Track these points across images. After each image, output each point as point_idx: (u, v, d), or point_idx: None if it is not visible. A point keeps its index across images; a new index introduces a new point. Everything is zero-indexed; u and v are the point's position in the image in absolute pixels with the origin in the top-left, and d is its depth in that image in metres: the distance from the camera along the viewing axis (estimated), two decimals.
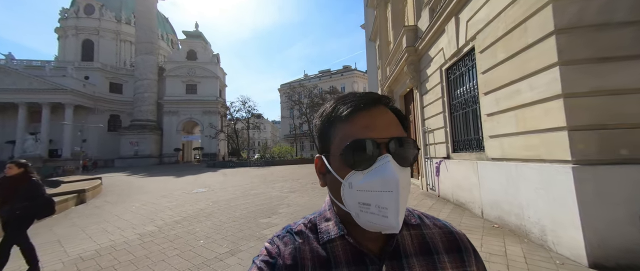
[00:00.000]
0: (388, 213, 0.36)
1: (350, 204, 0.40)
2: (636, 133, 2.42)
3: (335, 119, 0.42)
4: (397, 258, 0.43)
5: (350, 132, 0.40)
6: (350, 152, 0.39)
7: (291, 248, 0.44)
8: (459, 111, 5.04)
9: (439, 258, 0.45)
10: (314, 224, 0.48)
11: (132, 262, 2.96)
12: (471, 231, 3.42)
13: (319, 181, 0.47)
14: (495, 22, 3.58)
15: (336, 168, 0.41)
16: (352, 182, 0.39)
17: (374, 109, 0.42)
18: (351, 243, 0.43)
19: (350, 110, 0.41)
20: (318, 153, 0.47)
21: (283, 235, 0.48)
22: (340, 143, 0.40)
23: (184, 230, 4.16)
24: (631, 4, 2.51)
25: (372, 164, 0.38)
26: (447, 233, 0.49)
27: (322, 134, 0.45)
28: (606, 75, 2.50)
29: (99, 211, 6.00)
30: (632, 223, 2.30)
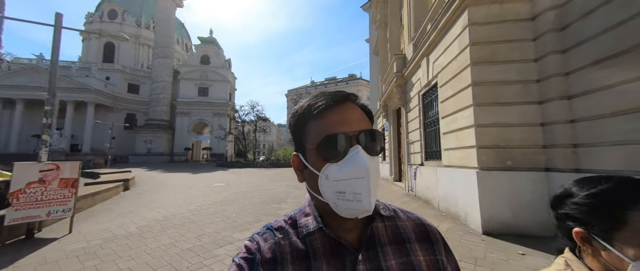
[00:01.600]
0: (362, 197, 0.40)
1: (328, 194, 0.42)
2: (516, 152, 3.86)
3: (308, 117, 0.45)
4: (373, 247, 0.46)
5: (323, 127, 0.43)
6: (325, 146, 0.42)
7: (271, 243, 0.46)
8: (430, 128, 6.50)
9: (411, 247, 0.48)
10: (294, 220, 0.50)
11: (193, 222, 4.50)
12: (428, 218, 4.82)
13: (297, 177, 0.49)
14: (446, 68, 5.08)
15: (312, 163, 0.44)
16: (328, 173, 0.42)
17: (343, 105, 0.45)
18: (329, 235, 0.45)
19: (322, 107, 0.44)
20: (294, 152, 0.49)
21: (263, 232, 0.50)
22: (315, 139, 0.43)
23: (218, 208, 5.69)
24: (518, 69, 3.99)
25: (345, 156, 0.41)
26: (419, 224, 0.53)
27: (297, 132, 0.47)
28: (500, 114, 3.96)
29: (144, 196, 7.59)
30: (508, 207, 3.72)
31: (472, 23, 4.19)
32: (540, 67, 3.90)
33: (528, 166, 3.82)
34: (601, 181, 0.53)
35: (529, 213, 3.68)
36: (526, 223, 3.66)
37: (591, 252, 0.53)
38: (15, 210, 3.45)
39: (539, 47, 3.91)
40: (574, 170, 3.49)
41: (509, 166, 3.86)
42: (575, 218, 0.54)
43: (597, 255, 0.52)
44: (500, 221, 3.74)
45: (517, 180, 3.78)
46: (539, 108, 3.89)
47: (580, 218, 0.53)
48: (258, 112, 34.21)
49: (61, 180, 3.84)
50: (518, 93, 3.96)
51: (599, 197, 0.51)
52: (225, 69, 39.97)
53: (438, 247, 0.50)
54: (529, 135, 3.89)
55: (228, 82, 39.77)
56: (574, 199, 0.55)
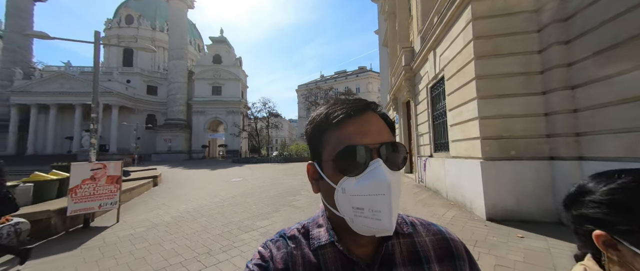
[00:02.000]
0: (381, 215, 0.37)
1: (344, 209, 0.40)
2: (519, 142, 4.01)
3: (326, 126, 0.43)
4: (387, 267, 0.43)
5: (342, 138, 0.41)
6: (343, 158, 0.40)
7: (283, 253, 0.45)
8: (438, 120, 6.64)
9: (430, 267, 0.45)
10: (306, 230, 0.49)
11: (218, 213, 5.03)
12: (435, 207, 5.08)
13: (312, 187, 0.47)
14: (452, 62, 5.20)
15: (329, 175, 0.42)
16: (345, 187, 0.40)
17: (363, 115, 0.42)
18: (341, 250, 0.43)
19: (342, 117, 0.41)
20: (310, 160, 0.47)
21: (276, 239, 0.49)
22: (333, 150, 0.41)
23: (239, 200, 6.23)
24: (522, 61, 4.09)
25: (364, 169, 0.39)
26: (440, 240, 0.49)
27: (314, 141, 0.46)
28: (503, 106, 4.10)
29: (172, 191, 8.32)
30: (511, 195, 3.91)
31: (475, 18, 4.30)
32: (543, 58, 3.99)
33: (531, 155, 3.97)
34: (620, 174, 0.46)
35: (532, 200, 3.85)
36: (529, 210, 3.84)
37: (617, 259, 0.44)
38: (75, 202, 4.08)
39: (543, 38, 3.99)
40: (576, 158, 3.62)
41: (513, 156, 4.02)
42: (594, 219, 0.46)
43: (625, 263, 0.43)
44: (504, 208, 3.94)
45: (520, 169, 3.95)
46: (542, 98, 4.00)
47: (601, 218, 0.45)
48: (270, 109, 34.98)
49: (108, 177, 4.45)
50: (521, 85, 4.07)
51: (623, 192, 0.44)
52: (237, 67, 40.87)
53: (462, 265, 0.47)
54: (533, 125, 4.02)
55: (240, 80, 40.69)
56: (592, 197, 0.47)
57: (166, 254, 3.09)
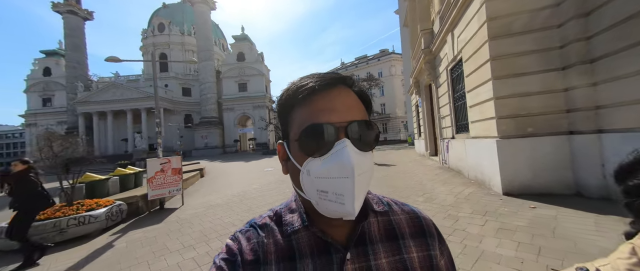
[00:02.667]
0: (345, 199, 0.36)
1: (310, 192, 0.39)
2: (537, 119, 4.11)
3: (293, 102, 0.41)
4: (363, 244, 0.43)
5: (307, 116, 0.39)
6: (307, 138, 0.38)
7: (253, 243, 0.43)
8: (459, 102, 6.70)
9: (405, 243, 0.45)
10: (279, 216, 0.47)
11: (259, 196, 5.95)
12: (454, 185, 5.36)
13: (282, 168, 0.45)
14: (469, 44, 5.26)
15: (295, 155, 0.40)
16: (310, 169, 0.38)
17: (332, 91, 0.39)
18: (315, 233, 0.42)
19: (307, 92, 0.39)
20: (279, 140, 0.45)
21: (246, 229, 0.46)
22: (298, 129, 0.39)
23: (274, 186, 7.12)
24: (540, 38, 4.09)
25: (329, 150, 0.37)
26: (414, 218, 0.49)
27: (282, 118, 0.44)
28: (518, 85, 4.19)
29: (217, 181, 9.61)
30: (528, 170, 4.08)
31: None
32: (562, 32, 3.96)
33: (550, 131, 4.06)
34: None
35: (549, 173, 3.99)
36: (547, 183, 4.00)
37: None
38: (152, 190, 5.23)
39: (563, 11, 3.94)
40: (595, 131, 3.66)
41: (529, 133, 4.15)
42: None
43: None
44: (521, 183, 4.13)
45: (537, 145, 4.07)
46: (561, 74, 4.01)
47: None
48: None
49: (172, 169, 5.54)
50: (539, 62, 4.11)
51: None
52: (259, 63, 42.32)
53: (432, 242, 0.47)
54: (552, 102, 4.07)
55: (263, 75, 42.19)
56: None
57: (226, 225, 3.98)
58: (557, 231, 2.66)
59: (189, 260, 2.83)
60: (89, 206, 4.13)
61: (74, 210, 3.91)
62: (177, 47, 47.20)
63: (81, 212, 3.90)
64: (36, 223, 3.49)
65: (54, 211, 3.82)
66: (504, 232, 2.79)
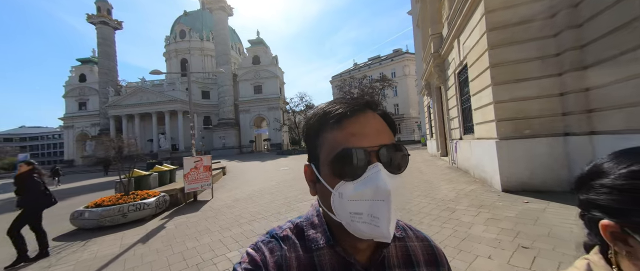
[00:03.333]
0: (380, 222, 0.37)
1: (341, 214, 0.39)
2: (534, 121, 4.44)
3: (322, 126, 0.42)
4: (382, 269, 0.44)
5: (338, 140, 0.40)
6: (340, 162, 0.38)
7: (277, 257, 0.43)
8: (466, 105, 7.01)
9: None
10: (300, 229, 0.47)
11: (278, 191, 6.63)
12: (459, 183, 5.73)
13: (309, 190, 0.46)
14: (472, 51, 5.62)
15: (326, 178, 0.41)
16: (342, 191, 0.39)
17: (362, 115, 0.41)
18: (339, 253, 0.43)
19: (338, 117, 0.40)
20: (307, 161, 0.46)
21: (268, 240, 0.46)
22: (329, 153, 0.40)
23: (291, 183, 7.78)
24: (537, 46, 4.42)
25: (362, 173, 0.38)
26: (427, 247, 0.51)
27: (310, 141, 0.45)
28: (516, 90, 4.53)
29: (238, 178, 10.46)
30: (526, 169, 4.41)
31: (488, 11, 4.72)
32: (557, 41, 4.27)
33: (546, 133, 4.38)
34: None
35: (545, 172, 4.31)
36: (543, 181, 4.32)
37: (627, 255, 0.37)
38: (188, 184, 6.06)
39: (557, 22, 4.25)
40: (588, 133, 3.96)
41: (527, 134, 4.48)
42: (604, 206, 0.38)
43: (636, 260, 0.36)
44: (518, 180, 4.48)
45: (534, 145, 4.40)
46: (557, 79, 4.31)
47: (612, 206, 0.37)
48: (306, 102, 36.85)
49: (204, 166, 6.35)
50: (536, 68, 4.43)
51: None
52: (274, 65, 43.59)
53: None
54: (548, 105, 4.39)
55: (277, 77, 43.42)
56: (605, 180, 0.38)
57: (252, 214, 4.67)
58: (538, 221, 3.06)
59: (227, 237, 3.52)
60: (142, 196, 4.99)
61: (131, 199, 4.77)
62: (196, 52, 49.73)
63: (137, 200, 4.76)
64: (105, 208, 4.37)
65: (117, 199, 4.70)
66: (492, 221, 3.23)
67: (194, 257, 2.94)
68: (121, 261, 2.95)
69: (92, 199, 5.11)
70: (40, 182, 3.41)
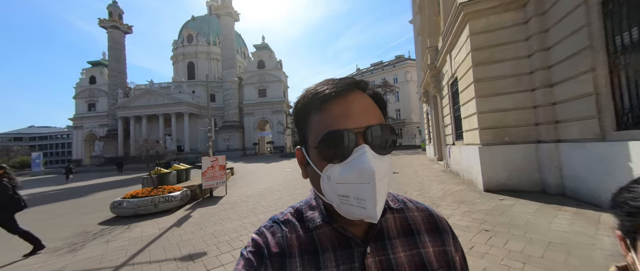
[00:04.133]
0: (366, 204, 0.37)
1: (331, 196, 0.40)
2: (510, 130, 5.10)
3: (310, 108, 0.42)
4: (381, 239, 0.45)
5: (324, 122, 0.40)
6: (326, 144, 0.39)
7: (278, 237, 0.45)
8: (457, 113, 7.68)
9: (420, 239, 0.47)
10: (299, 212, 0.49)
11: (285, 188, 7.32)
12: (448, 184, 6.36)
13: (301, 173, 0.47)
14: (461, 66, 6.31)
15: (314, 161, 0.41)
16: (330, 174, 0.39)
17: (348, 96, 0.40)
18: (336, 228, 0.44)
19: (323, 99, 0.40)
20: (297, 145, 0.47)
21: (270, 225, 0.48)
22: (316, 135, 0.40)
23: (297, 182, 8.48)
24: (513, 65, 5.10)
25: (348, 156, 0.38)
26: (428, 215, 0.51)
27: (299, 124, 0.45)
28: (497, 103, 5.21)
29: (246, 178, 11.17)
30: (504, 171, 5.06)
31: (473, 33, 5.43)
32: (530, 62, 4.95)
33: (521, 140, 5.03)
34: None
35: (520, 174, 4.96)
36: (518, 182, 4.96)
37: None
38: (205, 181, 6.78)
39: (530, 45, 4.94)
40: (555, 140, 4.61)
41: (506, 141, 5.14)
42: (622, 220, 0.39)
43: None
44: (498, 181, 5.12)
45: (512, 151, 5.05)
46: (530, 94, 4.99)
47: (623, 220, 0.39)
48: None
49: (219, 165, 7.07)
50: (513, 84, 5.11)
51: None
52: (278, 70, 44.61)
53: (447, 238, 0.49)
54: (523, 116, 5.05)
55: (281, 81, 44.37)
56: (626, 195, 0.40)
57: (265, 207, 5.36)
58: (505, 213, 3.71)
59: (247, 223, 4.22)
60: (169, 190, 5.72)
61: (160, 192, 5.50)
62: (203, 56, 51.00)
63: (165, 193, 5.48)
64: (140, 199, 5.09)
65: (149, 192, 5.44)
66: (467, 213, 3.88)
67: (223, 236, 3.63)
68: (165, 238, 3.66)
69: (116, 194, 5.85)
70: (9, 187, 3.45)
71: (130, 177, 18.29)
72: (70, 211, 6.52)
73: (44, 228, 4.61)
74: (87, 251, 3.39)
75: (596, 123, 3.72)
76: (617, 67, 3.46)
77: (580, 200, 4.01)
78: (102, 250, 3.38)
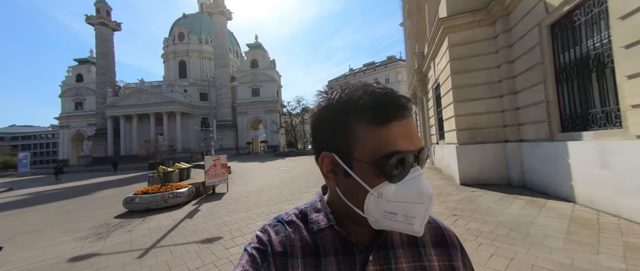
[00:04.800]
0: (415, 221, 0.37)
1: (374, 212, 0.39)
2: (483, 132, 5.84)
3: (358, 117, 0.39)
4: (385, 248, 0.44)
5: (386, 140, 0.38)
6: (387, 163, 0.37)
7: (282, 237, 0.45)
8: (440, 115, 8.43)
9: (425, 251, 0.46)
10: (304, 214, 0.49)
11: (283, 185, 7.88)
12: (431, 179, 7.08)
13: (327, 181, 0.45)
14: (442, 73, 7.03)
15: (363, 176, 0.39)
16: (382, 192, 0.38)
17: (410, 117, 0.40)
18: (340, 233, 0.44)
19: (386, 117, 0.38)
20: (323, 150, 0.43)
21: (274, 224, 0.49)
22: (373, 151, 0.38)
23: (293, 180, 9.05)
24: (485, 75, 5.83)
25: (404, 176, 0.38)
26: (435, 228, 0.51)
27: (328, 129, 0.43)
28: (471, 107, 5.93)
29: (244, 176, 11.63)
30: (477, 168, 5.79)
31: (451, 45, 6.13)
32: (499, 72, 5.70)
33: (492, 140, 5.78)
34: None
35: (491, 170, 5.70)
36: (489, 177, 5.71)
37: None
38: (208, 178, 7.25)
39: (499, 58, 5.68)
40: (519, 140, 5.37)
41: (479, 141, 5.88)
42: None
43: None
44: (472, 176, 5.85)
45: (484, 149, 5.79)
46: (499, 100, 5.73)
47: None
48: (303, 105, 38.16)
49: (221, 164, 7.55)
50: (485, 91, 5.85)
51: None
52: (271, 69, 44.80)
53: (454, 252, 0.48)
54: (493, 119, 5.80)
55: (274, 80, 44.61)
56: None
57: (266, 201, 5.90)
58: (473, 202, 4.42)
59: (252, 214, 4.76)
60: (177, 187, 6.17)
61: (169, 189, 5.95)
62: (195, 55, 50.51)
63: (173, 189, 5.94)
64: (151, 195, 5.54)
65: (158, 188, 5.89)
66: (442, 202, 4.57)
67: (233, 224, 4.17)
68: (181, 227, 4.16)
69: (119, 192, 6.25)
70: None
71: (125, 176, 18.35)
72: (80, 207, 6.86)
73: (64, 222, 5.00)
74: (115, 238, 3.86)
75: (547, 126, 4.47)
76: (562, 80, 4.20)
77: (535, 191, 4.78)
78: (128, 237, 3.86)
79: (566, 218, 3.27)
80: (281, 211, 3.66)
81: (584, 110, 3.81)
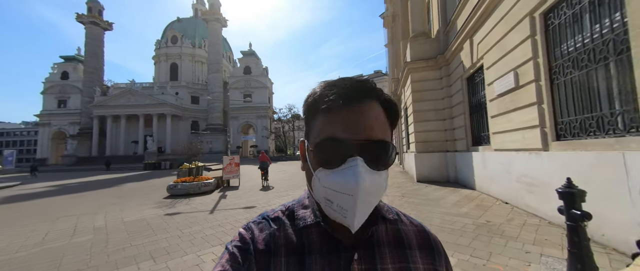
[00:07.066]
0: (347, 214, 0.38)
1: (318, 196, 0.42)
2: (432, 144, 8.26)
3: (316, 107, 0.42)
4: (370, 247, 0.44)
5: (325, 126, 0.40)
6: (322, 149, 0.40)
7: (266, 234, 0.45)
8: (408, 130, 10.87)
9: (411, 253, 0.47)
10: (291, 211, 0.49)
11: (284, 182, 9.87)
12: (397, 178, 9.35)
13: (301, 165, 0.47)
14: (408, 99, 9.44)
15: (310, 159, 0.42)
16: (320, 176, 0.40)
17: (357, 105, 0.40)
18: (326, 230, 0.44)
19: (330, 104, 0.40)
20: (302, 138, 0.47)
21: (259, 221, 0.48)
22: (316, 136, 0.41)
23: (290, 179, 11.03)
24: (435, 104, 8.29)
25: (340, 164, 0.39)
26: (421, 231, 0.51)
27: (306, 120, 0.46)
28: (425, 126, 8.35)
29: (246, 176, 13.38)
30: (428, 170, 8.15)
31: (413, 81, 8.57)
32: (445, 101, 8.17)
33: (438, 150, 8.19)
34: None
35: (437, 171, 8.08)
36: (436, 176, 8.07)
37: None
38: (225, 174, 9.08)
39: (443, 93, 8.17)
40: (454, 151, 7.80)
41: (430, 150, 8.27)
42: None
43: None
44: (425, 176, 8.19)
45: (432, 157, 8.17)
46: (444, 122, 8.19)
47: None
48: (294, 112, 40.24)
49: (235, 163, 9.42)
50: (434, 115, 8.29)
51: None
52: (264, 76, 46.65)
53: (439, 258, 0.49)
54: (440, 136, 8.23)
55: (267, 87, 46.43)
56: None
57: (275, 193, 7.87)
58: (418, 190, 6.69)
59: (270, 196, 6.72)
60: (204, 179, 7.98)
61: (201, 179, 7.77)
62: (187, 58, 51.32)
63: (204, 180, 7.76)
64: (190, 183, 7.33)
65: (193, 179, 7.68)
66: (398, 191, 6.81)
67: (260, 200, 6.12)
68: (222, 203, 6.04)
69: (142, 185, 7.93)
70: None
71: (121, 175, 19.26)
72: (127, 193, 8.36)
73: (130, 199, 6.61)
74: (181, 208, 5.66)
75: (466, 142, 6.90)
76: (472, 113, 6.67)
77: (460, 185, 7.17)
78: (190, 207, 5.69)
79: (463, 196, 5.60)
80: (294, 197, 5.72)
81: (478, 134, 6.28)
